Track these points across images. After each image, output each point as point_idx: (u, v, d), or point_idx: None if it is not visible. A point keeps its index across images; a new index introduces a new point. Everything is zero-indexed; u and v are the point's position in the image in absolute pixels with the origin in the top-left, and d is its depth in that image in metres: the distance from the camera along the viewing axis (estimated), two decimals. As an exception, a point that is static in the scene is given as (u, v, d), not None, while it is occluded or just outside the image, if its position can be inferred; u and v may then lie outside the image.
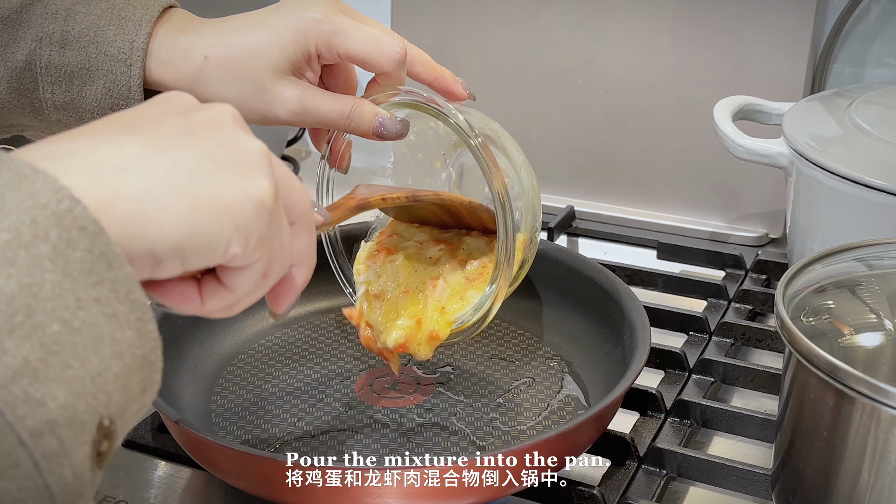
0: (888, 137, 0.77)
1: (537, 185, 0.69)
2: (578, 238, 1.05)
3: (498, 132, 0.67)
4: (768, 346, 0.82)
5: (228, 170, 0.41)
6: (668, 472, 0.66)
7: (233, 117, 0.44)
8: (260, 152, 0.43)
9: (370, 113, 0.64)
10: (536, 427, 0.68)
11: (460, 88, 0.67)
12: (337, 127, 0.65)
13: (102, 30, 0.65)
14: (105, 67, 0.65)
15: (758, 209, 1.01)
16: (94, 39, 0.65)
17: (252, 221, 0.41)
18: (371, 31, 0.63)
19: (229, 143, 0.42)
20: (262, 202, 0.41)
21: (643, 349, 0.66)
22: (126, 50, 0.64)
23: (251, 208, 0.41)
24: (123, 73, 0.65)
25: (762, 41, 0.97)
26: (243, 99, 0.64)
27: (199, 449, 0.61)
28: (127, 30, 0.65)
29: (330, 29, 0.62)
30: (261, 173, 0.42)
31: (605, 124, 1.05)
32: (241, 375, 0.74)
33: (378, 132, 0.64)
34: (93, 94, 0.66)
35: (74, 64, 0.65)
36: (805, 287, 0.59)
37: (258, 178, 0.42)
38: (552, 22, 1.05)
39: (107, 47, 0.65)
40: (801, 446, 0.56)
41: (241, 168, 0.41)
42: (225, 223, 0.40)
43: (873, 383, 0.49)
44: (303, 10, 0.63)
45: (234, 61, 0.63)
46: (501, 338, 0.79)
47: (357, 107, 0.64)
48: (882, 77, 1.00)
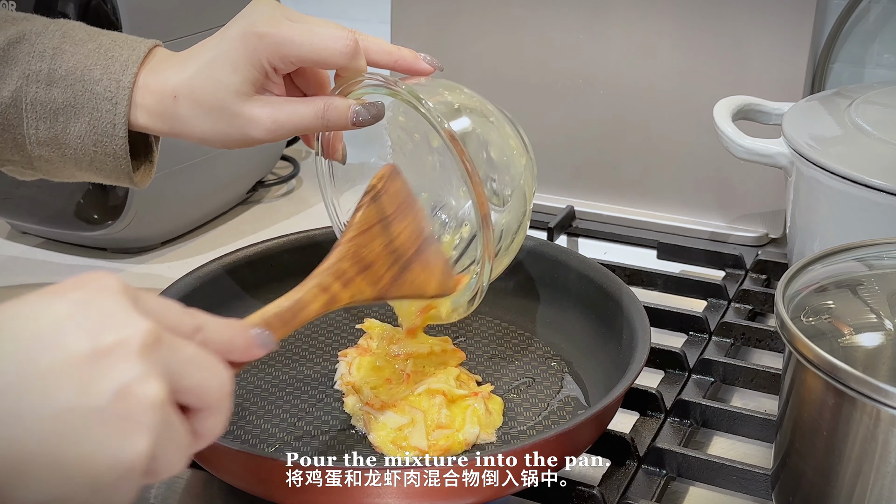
0: (888, 137, 0.77)
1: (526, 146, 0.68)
2: (578, 238, 1.05)
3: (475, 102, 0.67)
4: (768, 346, 0.82)
5: (110, 427, 0.40)
6: (668, 472, 0.66)
7: (145, 342, 0.41)
8: (154, 401, 0.40)
9: (343, 106, 0.64)
10: (536, 427, 0.68)
11: (424, 64, 0.68)
12: (315, 129, 0.66)
13: (89, 69, 0.66)
14: (91, 105, 0.66)
15: (758, 209, 1.01)
16: (80, 78, 0.66)
17: (116, 484, 0.40)
18: (316, 30, 0.63)
19: (124, 392, 0.40)
20: (131, 467, 0.40)
21: (643, 349, 0.66)
22: (112, 88, 0.66)
23: (115, 476, 0.40)
24: (109, 112, 0.66)
25: (762, 41, 0.97)
26: (218, 129, 0.65)
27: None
28: (114, 69, 0.66)
29: (276, 40, 0.63)
30: (142, 432, 0.40)
31: (605, 124, 1.05)
32: (242, 375, 0.74)
33: (356, 121, 0.65)
34: (77, 131, 0.67)
35: (60, 101, 0.66)
36: (805, 287, 0.59)
37: (137, 439, 0.40)
38: (552, 22, 1.05)
39: (93, 86, 0.66)
40: (801, 446, 0.56)
41: (124, 425, 0.40)
42: (84, 487, 0.40)
43: (873, 383, 0.49)
44: (246, 29, 0.64)
45: (200, 96, 0.64)
46: (501, 338, 0.79)
47: (329, 104, 0.64)
48: (882, 77, 1.00)
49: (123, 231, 0.96)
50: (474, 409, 0.66)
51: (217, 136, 0.66)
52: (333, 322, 0.81)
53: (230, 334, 0.47)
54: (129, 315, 0.41)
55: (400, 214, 0.62)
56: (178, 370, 0.42)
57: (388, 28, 1.14)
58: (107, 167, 0.69)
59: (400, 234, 0.62)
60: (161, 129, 0.67)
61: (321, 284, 0.56)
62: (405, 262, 0.62)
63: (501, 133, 0.67)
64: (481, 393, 0.68)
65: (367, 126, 0.65)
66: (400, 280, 0.61)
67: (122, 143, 0.67)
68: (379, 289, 0.60)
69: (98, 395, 0.40)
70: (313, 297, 0.55)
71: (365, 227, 0.60)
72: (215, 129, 0.65)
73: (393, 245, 0.61)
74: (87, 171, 0.70)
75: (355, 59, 0.64)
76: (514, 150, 0.67)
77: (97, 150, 0.68)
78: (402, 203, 0.63)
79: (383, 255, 0.60)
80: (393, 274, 0.61)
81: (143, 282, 0.95)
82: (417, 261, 0.63)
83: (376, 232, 0.61)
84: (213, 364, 0.44)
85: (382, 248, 0.60)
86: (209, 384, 0.44)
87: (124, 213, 0.93)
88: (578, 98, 1.06)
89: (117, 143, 0.67)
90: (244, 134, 0.65)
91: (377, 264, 0.60)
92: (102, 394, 0.40)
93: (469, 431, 0.65)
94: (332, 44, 0.63)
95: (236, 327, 0.47)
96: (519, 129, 0.69)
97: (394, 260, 0.61)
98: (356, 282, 0.58)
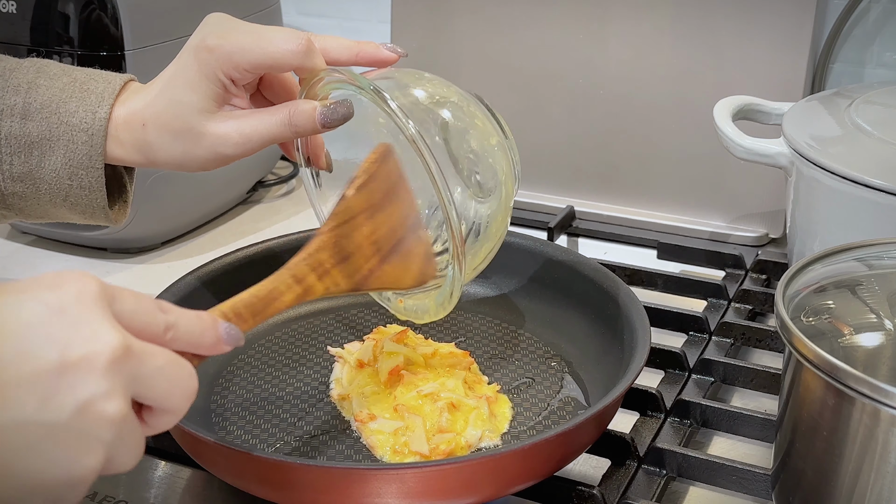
0: (888, 137, 0.77)
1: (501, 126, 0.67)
2: (578, 238, 1.05)
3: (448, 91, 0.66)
4: (768, 346, 0.82)
5: (66, 444, 0.40)
6: (668, 471, 0.66)
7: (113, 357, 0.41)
8: (113, 419, 0.41)
9: (308, 110, 0.64)
10: (536, 427, 0.68)
11: (387, 52, 0.67)
12: (286, 136, 0.65)
13: (65, 101, 0.66)
14: (66, 137, 0.65)
15: (758, 209, 1.01)
16: (55, 110, 0.66)
17: (65, 493, 0.41)
18: (267, 35, 0.63)
19: (85, 409, 0.40)
20: (83, 480, 0.41)
21: (643, 349, 0.66)
22: (88, 120, 0.65)
23: (65, 488, 0.41)
24: (85, 143, 0.65)
25: (762, 41, 0.97)
26: (189, 151, 0.65)
27: (199, 449, 0.61)
28: (89, 101, 0.66)
29: (227, 51, 0.63)
30: (98, 448, 0.41)
31: (605, 124, 1.05)
32: (241, 375, 0.74)
33: (323, 123, 0.64)
34: (52, 165, 0.66)
35: (35, 134, 0.65)
36: (805, 287, 0.59)
37: (92, 455, 0.41)
38: (552, 22, 1.05)
39: (69, 118, 0.65)
40: (801, 446, 0.56)
41: (80, 442, 0.40)
42: (32, 496, 0.40)
43: (873, 383, 0.49)
44: (198, 45, 0.64)
45: (165, 119, 0.64)
46: (501, 338, 0.79)
47: (294, 110, 0.64)
48: (882, 77, 1.00)
49: (123, 231, 0.96)
50: (478, 413, 0.66)
51: (189, 159, 0.65)
52: (334, 323, 0.81)
53: (199, 330, 0.47)
54: (101, 326, 0.42)
55: (386, 200, 0.61)
56: (145, 382, 0.43)
57: (388, 28, 1.14)
58: (82, 201, 0.67)
59: (384, 224, 0.61)
60: (136, 159, 0.66)
61: (296, 275, 0.56)
62: (386, 253, 0.61)
63: (476, 119, 0.66)
64: (486, 395, 0.68)
65: (337, 126, 0.64)
66: (378, 272, 0.60)
67: (99, 175, 0.66)
68: (355, 280, 0.59)
69: (59, 409, 0.40)
70: (287, 288, 0.55)
71: (347, 217, 0.59)
72: (186, 151, 0.65)
73: (375, 235, 0.60)
74: (62, 206, 0.68)
75: (310, 58, 0.64)
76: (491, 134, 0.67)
77: (72, 184, 0.66)
78: (391, 187, 0.61)
79: (364, 246, 0.59)
80: (372, 266, 0.60)
81: (143, 282, 0.95)
82: (398, 251, 0.62)
83: (359, 222, 0.59)
84: (179, 373, 0.45)
85: (363, 239, 0.59)
86: (173, 392, 0.45)
87: (124, 213, 0.94)
88: (578, 98, 1.06)
89: (93, 176, 0.66)
90: (215, 152, 0.64)
91: (356, 255, 0.59)
92: (63, 409, 0.40)
93: (471, 434, 0.64)
94: (284, 45, 0.63)
95: (206, 322, 0.48)
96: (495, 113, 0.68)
97: (374, 251, 0.60)
98: (332, 273, 0.58)
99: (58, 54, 0.90)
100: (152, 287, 0.74)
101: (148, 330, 0.44)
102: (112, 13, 0.88)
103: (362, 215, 0.60)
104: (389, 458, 0.64)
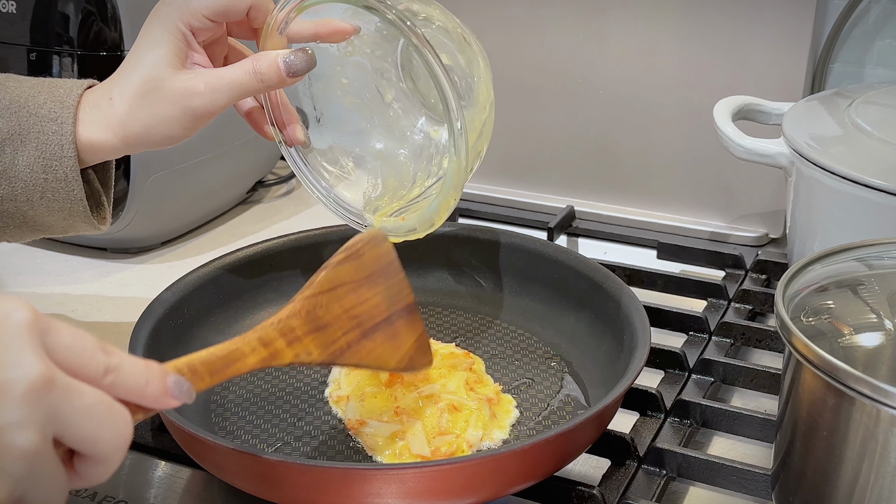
0: (888, 137, 0.77)
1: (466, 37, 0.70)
2: (578, 238, 1.05)
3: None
4: (768, 346, 0.82)
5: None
6: (667, 472, 0.66)
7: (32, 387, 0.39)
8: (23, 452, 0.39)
9: (271, 58, 0.65)
10: (536, 427, 0.68)
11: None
12: (252, 89, 0.66)
13: (34, 96, 0.66)
14: (36, 129, 0.66)
15: (758, 209, 1.01)
16: (24, 105, 0.66)
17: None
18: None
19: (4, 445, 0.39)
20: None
21: (643, 349, 0.66)
22: (56, 109, 0.66)
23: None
24: (55, 133, 0.65)
25: (762, 41, 0.97)
26: (157, 113, 0.65)
27: (199, 449, 0.61)
28: (58, 94, 0.66)
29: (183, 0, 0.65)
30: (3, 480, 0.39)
31: (606, 124, 1.05)
32: (241, 376, 0.74)
33: (288, 71, 0.65)
34: (25, 160, 0.66)
35: (5, 131, 0.66)
36: (805, 287, 0.59)
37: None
38: (552, 22, 1.05)
39: (37, 109, 0.66)
40: (801, 446, 0.56)
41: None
42: None
43: (873, 383, 0.49)
44: (158, 5, 0.66)
45: (130, 84, 0.65)
46: (501, 338, 0.79)
47: (257, 60, 0.65)
48: (882, 77, 1.00)
49: (123, 231, 0.96)
50: (479, 414, 0.66)
51: (159, 122, 0.65)
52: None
53: (144, 379, 0.44)
54: (24, 354, 0.40)
55: (373, 279, 0.60)
56: (68, 419, 0.40)
57: (388, 28, 1.14)
58: (60, 196, 0.67)
59: (368, 301, 0.59)
60: (110, 140, 0.66)
61: (263, 338, 0.53)
62: (367, 330, 0.59)
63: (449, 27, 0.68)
64: (487, 396, 0.68)
65: (303, 73, 0.66)
66: (356, 347, 0.59)
67: (73, 164, 0.66)
68: (331, 352, 0.57)
69: None
70: (251, 350, 0.52)
71: (326, 287, 0.57)
72: (154, 113, 0.65)
73: (356, 310, 0.59)
74: (39, 205, 0.68)
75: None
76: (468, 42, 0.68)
77: (48, 177, 0.66)
78: (380, 270, 0.61)
79: (343, 319, 0.58)
80: (350, 339, 0.58)
81: (142, 282, 0.95)
82: (382, 331, 0.60)
83: (340, 294, 0.58)
84: (110, 415, 0.42)
85: (342, 312, 0.58)
86: (101, 437, 0.41)
87: (124, 213, 0.93)
88: (578, 98, 1.06)
89: (67, 165, 0.66)
90: (183, 107, 0.65)
91: (333, 327, 0.57)
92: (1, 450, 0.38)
93: (472, 435, 0.64)
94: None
95: (154, 372, 0.45)
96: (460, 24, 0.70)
97: (353, 325, 0.58)
98: (304, 342, 0.55)
99: (58, 54, 0.90)
100: (152, 287, 0.74)
101: (84, 369, 0.42)
102: (112, 13, 0.88)
103: (343, 288, 0.58)
104: (387, 461, 0.64)
